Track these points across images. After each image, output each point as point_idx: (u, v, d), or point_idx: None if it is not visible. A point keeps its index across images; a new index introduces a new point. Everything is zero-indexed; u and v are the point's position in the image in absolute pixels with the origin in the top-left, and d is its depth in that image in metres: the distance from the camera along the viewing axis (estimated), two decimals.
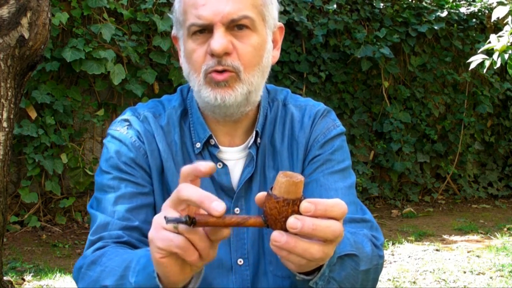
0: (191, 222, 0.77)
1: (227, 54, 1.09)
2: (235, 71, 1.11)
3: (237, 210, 1.20)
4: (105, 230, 1.11)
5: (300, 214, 0.78)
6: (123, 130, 1.21)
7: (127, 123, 1.22)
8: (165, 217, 0.78)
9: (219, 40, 1.08)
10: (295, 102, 1.29)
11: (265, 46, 1.16)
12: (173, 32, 1.23)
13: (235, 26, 1.10)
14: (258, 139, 1.22)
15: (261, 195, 0.83)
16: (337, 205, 0.80)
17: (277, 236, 0.79)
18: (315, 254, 0.80)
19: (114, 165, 1.17)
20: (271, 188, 0.80)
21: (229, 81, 1.11)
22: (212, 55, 1.09)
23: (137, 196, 1.15)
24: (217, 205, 0.76)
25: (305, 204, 0.78)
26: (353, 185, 1.23)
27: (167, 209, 0.81)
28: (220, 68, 1.10)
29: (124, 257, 1.00)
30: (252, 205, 1.20)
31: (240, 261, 1.19)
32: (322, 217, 0.78)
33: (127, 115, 1.24)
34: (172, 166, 1.19)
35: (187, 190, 0.79)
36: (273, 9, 1.19)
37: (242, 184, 1.20)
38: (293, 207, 0.78)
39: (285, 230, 0.79)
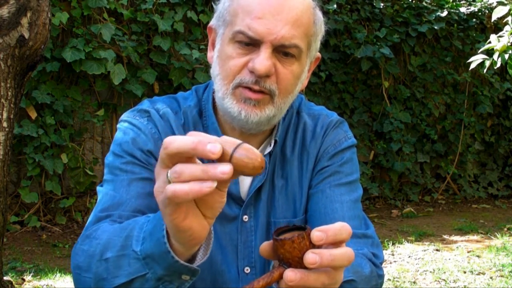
0: None
1: (267, 76, 1.07)
2: (270, 94, 1.09)
3: (245, 218, 1.18)
4: (116, 209, 1.05)
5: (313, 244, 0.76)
6: (143, 120, 1.17)
7: (147, 114, 1.18)
8: None
9: (264, 62, 1.05)
10: (309, 110, 1.28)
11: (301, 75, 1.14)
12: (212, 23, 1.18)
13: (282, 51, 1.08)
14: (273, 148, 1.20)
15: (266, 245, 0.80)
16: (343, 227, 0.77)
17: (291, 275, 0.75)
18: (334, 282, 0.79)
19: (129, 151, 1.13)
20: (275, 235, 0.78)
21: (260, 102, 1.09)
22: (252, 72, 1.06)
23: (151, 182, 1.09)
24: (213, 147, 0.67)
25: (316, 234, 0.75)
26: (359, 198, 1.22)
27: (160, 172, 0.74)
28: (256, 87, 1.07)
29: (123, 226, 0.92)
30: (261, 213, 1.19)
31: (247, 270, 1.18)
32: (332, 243, 0.76)
33: (146, 106, 1.20)
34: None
35: (175, 142, 0.70)
36: (319, 39, 1.17)
37: (251, 193, 1.17)
38: (308, 238, 0.76)
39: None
